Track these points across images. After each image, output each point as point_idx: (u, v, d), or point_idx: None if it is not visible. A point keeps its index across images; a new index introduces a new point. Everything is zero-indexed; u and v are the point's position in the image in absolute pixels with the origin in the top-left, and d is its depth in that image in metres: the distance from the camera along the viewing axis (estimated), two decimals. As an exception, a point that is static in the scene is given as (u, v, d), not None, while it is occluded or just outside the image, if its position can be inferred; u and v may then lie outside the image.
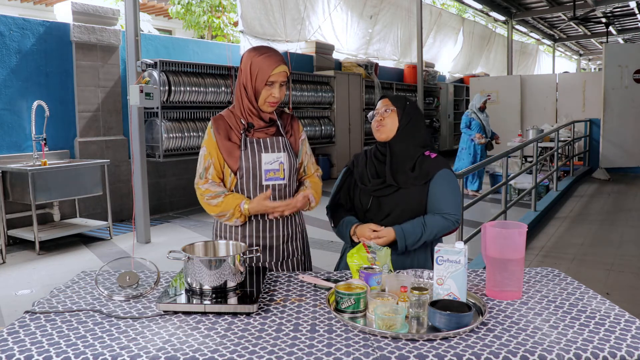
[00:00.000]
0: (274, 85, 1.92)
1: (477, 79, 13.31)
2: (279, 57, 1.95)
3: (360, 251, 1.68)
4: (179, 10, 12.42)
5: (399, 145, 1.97)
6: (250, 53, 1.95)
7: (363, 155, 2.09)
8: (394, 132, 1.97)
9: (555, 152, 7.60)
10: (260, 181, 1.96)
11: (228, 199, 1.91)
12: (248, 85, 1.93)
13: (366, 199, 1.99)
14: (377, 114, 2.01)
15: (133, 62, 5.39)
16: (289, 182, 2.01)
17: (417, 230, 1.87)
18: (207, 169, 1.97)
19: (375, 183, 1.96)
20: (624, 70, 9.32)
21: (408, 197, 1.92)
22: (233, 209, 1.90)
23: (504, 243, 1.57)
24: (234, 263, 1.56)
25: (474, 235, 4.22)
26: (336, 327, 1.37)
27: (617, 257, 4.75)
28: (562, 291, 1.62)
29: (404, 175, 1.93)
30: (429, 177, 1.93)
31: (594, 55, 25.29)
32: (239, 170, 1.94)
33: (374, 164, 2.01)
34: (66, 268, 4.62)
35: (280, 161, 1.97)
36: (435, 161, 1.97)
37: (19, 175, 5.03)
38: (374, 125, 2.01)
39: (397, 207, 1.92)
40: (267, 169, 1.95)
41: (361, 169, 2.04)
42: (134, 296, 1.60)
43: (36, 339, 1.31)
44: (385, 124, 1.97)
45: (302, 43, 9.42)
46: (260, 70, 1.90)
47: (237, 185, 1.97)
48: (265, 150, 1.96)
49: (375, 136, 2.01)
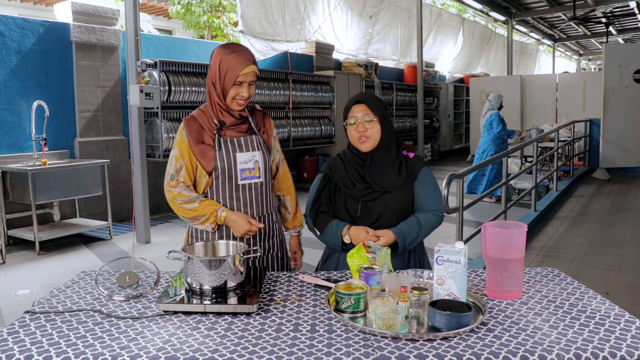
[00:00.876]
0: (242, 85, 1.89)
1: (477, 79, 13.31)
2: (248, 56, 1.91)
3: (360, 251, 1.68)
4: (179, 10, 12.42)
5: (381, 154, 1.94)
6: (220, 51, 1.92)
7: (339, 160, 2.03)
8: (377, 141, 1.92)
9: (555, 152, 7.60)
10: (236, 181, 1.95)
11: (204, 205, 1.90)
12: (217, 83, 1.91)
13: (354, 205, 1.95)
14: (357, 122, 1.91)
15: (133, 62, 5.39)
16: (264, 180, 2.01)
17: (413, 230, 1.89)
18: (178, 170, 1.94)
19: (361, 187, 1.93)
20: (624, 70, 9.32)
21: (396, 199, 1.92)
22: (209, 214, 1.89)
23: (504, 243, 1.57)
24: (234, 263, 1.56)
25: (474, 235, 4.22)
26: (336, 327, 1.37)
27: (617, 257, 4.75)
28: (562, 291, 1.62)
29: (391, 179, 1.92)
30: (413, 177, 1.95)
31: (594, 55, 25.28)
32: (214, 171, 1.93)
33: (356, 169, 1.96)
34: (66, 268, 4.62)
35: (255, 160, 1.97)
36: (416, 161, 1.98)
37: (19, 175, 5.03)
38: (355, 135, 1.92)
39: (385, 210, 1.91)
40: (243, 168, 1.95)
41: (342, 174, 1.98)
42: (134, 296, 1.60)
43: (36, 339, 1.31)
44: (370, 135, 1.90)
45: (302, 43, 9.41)
46: (229, 69, 1.88)
47: (212, 186, 1.95)
48: (240, 150, 1.95)
49: (359, 147, 1.94)
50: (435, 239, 1.94)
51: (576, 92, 11.69)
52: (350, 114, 1.94)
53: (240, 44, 1.99)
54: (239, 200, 1.97)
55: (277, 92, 8.16)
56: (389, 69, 12.36)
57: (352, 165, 1.97)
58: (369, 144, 1.92)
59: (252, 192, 1.98)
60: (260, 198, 2.00)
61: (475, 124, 12.70)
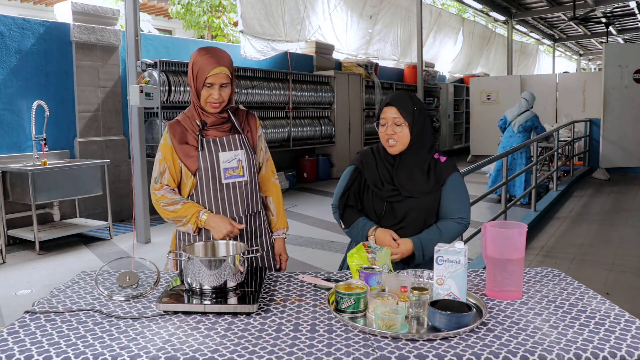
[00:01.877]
0: (213, 87, 1.89)
1: (477, 79, 13.31)
2: (220, 58, 1.89)
3: (360, 251, 1.68)
4: (179, 10, 12.42)
5: (411, 157, 1.94)
6: (195, 53, 1.93)
7: (371, 154, 2.02)
8: (406, 145, 1.92)
9: (555, 152, 7.60)
10: (220, 180, 1.96)
11: (186, 207, 1.92)
12: (192, 85, 1.93)
13: (379, 204, 1.95)
14: (386, 125, 1.92)
15: (133, 62, 5.39)
16: (249, 179, 2.02)
17: (434, 240, 1.87)
18: (162, 173, 1.97)
19: (389, 189, 1.93)
20: (624, 70, 9.31)
21: (422, 203, 1.91)
22: (190, 216, 1.91)
23: (504, 243, 1.57)
24: (234, 263, 1.56)
25: (474, 235, 4.22)
26: (336, 327, 1.37)
27: (617, 257, 4.75)
28: (562, 291, 1.62)
29: (419, 184, 1.91)
30: (441, 182, 1.94)
31: (594, 55, 25.28)
32: (198, 171, 1.94)
33: (386, 167, 1.96)
34: (66, 268, 4.62)
35: (238, 158, 1.98)
36: (446, 165, 1.97)
37: (19, 175, 5.03)
38: (384, 137, 1.93)
39: (410, 212, 1.91)
40: (226, 167, 1.96)
41: (373, 171, 1.98)
42: (134, 296, 1.60)
43: (36, 339, 1.31)
44: (397, 139, 1.90)
45: (302, 43, 9.41)
46: (200, 71, 1.88)
47: (197, 186, 1.96)
48: (222, 149, 1.96)
49: (388, 150, 1.94)
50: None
51: (576, 92, 11.69)
52: (381, 115, 1.94)
53: (216, 47, 1.97)
54: (224, 200, 1.98)
55: (277, 92, 8.16)
56: (389, 69, 12.36)
57: (383, 163, 1.97)
58: (397, 148, 1.92)
59: (237, 191, 1.99)
60: (245, 197, 2.01)
61: (476, 124, 12.72)
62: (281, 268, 2.18)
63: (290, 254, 2.26)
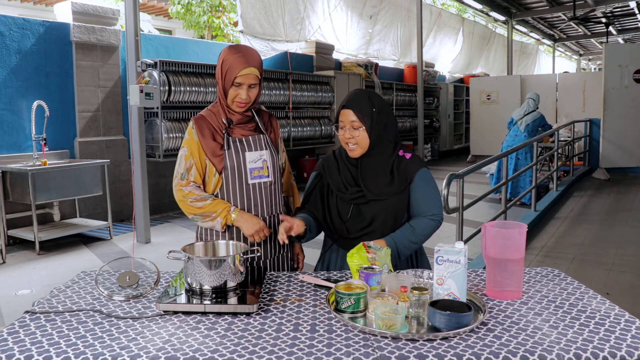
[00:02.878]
0: (241, 87, 1.87)
1: (477, 79, 13.31)
2: (250, 58, 1.88)
3: (360, 251, 1.68)
4: (179, 10, 12.42)
5: (373, 159, 1.89)
6: (225, 50, 1.91)
7: (333, 159, 1.98)
8: (366, 148, 1.87)
9: (555, 152, 7.60)
10: (246, 180, 1.95)
11: (216, 202, 1.90)
12: (219, 83, 1.92)
13: (345, 208, 1.91)
14: (345, 128, 1.86)
15: (133, 62, 5.39)
16: (274, 180, 2.01)
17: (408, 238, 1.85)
18: (188, 169, 1.93)
19: (353, 191, 1.88)
20: (624, 70, 9.32)
21: (389, 204, 1.87)
22: (221, 210, 1.88)
23: (504, 243, 1.57)
24: (234, 263, 1.56)
25: (474, 235, 4.22)
26: (336, 327, 1.37)
27: (617, 257, 4.75)
28: (562, 291, 1.62)
29: (384, 186, 1.86)
30: (408, 181, 1.89)
31: (594, 55, 25.28)
32: (224, 170, 1.92)
33: (349, 169, 1.91)
34: (66, 268, 4.62)
35: (263, 159, 1.97)
36: (412, 162, 1.91)
37: (19, 175, 5.03)
38: (343, 140, 1.88)
39: (379, 213, 1.87)
40: (252, 167, 1.95)
41: (335, 175, 1.93)
42: (134, 296, 1.60)
43: (36, 339, 1.31)
44: (357, 142, 1.85)
45: (302, 43, 9.41)
46: (229, 70, 1.87)
47: (222, 186, 1.94)
48: (249, 149, 1.95)
49: (348, 153, 1.89)
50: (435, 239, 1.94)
51: (576, 92, 11.69)
52: (339, 118, 1.88)
53: (248, 47, 1.96)
54: (250, 200, 1.96)
55: (277, 92, 8.16)
56: (389, 69, 12.36)
57: (346, 166, 1.93)
58: (357, 151, 1.87)
59: (262, 192, 1.97)
60: (270, 198, 2.00)
61: (476, 124, 12.72)
62: (299, 267, 2.17)
63: None
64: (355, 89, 1.99)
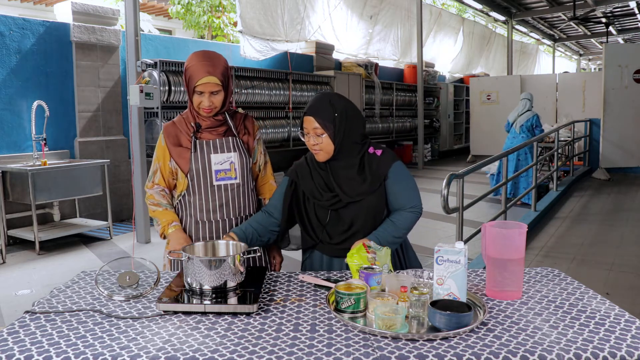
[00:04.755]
0: (203, 94, 1.90)
1: (477, 79, 13.31)
2: (211, 67, 1.88)
3: (360, 251, 1.68)
4: (179, 10, 12.42)
5: (340, 162, 1.88)
6: (190, 57, 1.94)
7: (305, 165, 1.96)
8: (331, 153, 1.85)
9: (555, 152, 7.60)
10: (212, 182, 1.99)
11: (165, 213, 2.02)
12: (185, 88, 1.97)
13: (323, 213, 1.91)
14: (309, 134, 1.85)
15: (133, 62, 5.39)
16: (242, 182, 2.03)
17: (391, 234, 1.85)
18: (154, 173, 2.04)
19: (328, 197, 1.87)
20: (624, 70, 9.32)
21: (366, 204, 1.87)
22: (165, 220, 2.00)
23: (504, 243, 1.57)
24: (234, 263, 1.56)
25: (474, 235, 4.22)
26: (336, 327, 1.37)
27: (617, 257, 4.75)
28: (562, 291, 1.62)
29: (357, 187, 1.85)
30: (382, 178, 1.87)
31: (594, 55, 25.29)
32: (190, 172, 1.98)
33: (320, 175, 1.90)
34: (66, 268, 4.62)
35: (230, 161, 2.00)
36: (384, 158, 1.89)
37: (19, 175, 5.03)
38: (309, 146, 1.88)
39: (358, 215, 1.87)
40: (218, 169, 1.99)
41: (308, 181, 1.92)
42: (134, 296, 1.60)
43: (36, 339, 1.31)
44: (322, 148, 1.84)
45: (302, 43, 9.41)
46: (190, 78, 1.91)
47: (188, 187, 2.00)
48: (215, 151, 1.99)
49: (316, 157, 1.89)
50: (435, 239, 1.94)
51: (576, 92, 11.69)
52: (303, 125, 1.87)
53: (211, 52, 1.95)
54: (215, 201, 2.01)
55: (277, 92, 8.16)
56: (389, 69, 12.36)
57: (318, 172, 1.91)
58: (322, 156, 1.86)
59: (229, 193, 2.01)
60: (237, 199, 2.03)
61: (476, 124, 12.72)
62: (275, 270, 2.17)
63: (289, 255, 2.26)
64: (318, 94, 1.99)
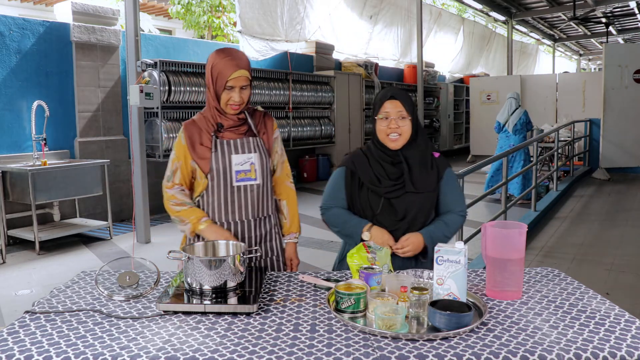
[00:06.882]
0: (233, 90, 1.89)
1: (477, 79, 13.31)
2: (239, 61, 1.89)
3: (360, 251, 1.68)
4: (179, 10, 12.42)
5: (414, 151, 1.92)
6: (213, 55, 1.93)
7: (361, 154, 1.98)
8: (407, 139, 1.90)
9: (555, 152, 7.60)
10: (232, 182, 1.96)
11: (192, 209, 1.96)
12: (210, 88, 1.93)
13: (376, 201, 1.91)
14: (389, 119, 1.87)
15: (133, 62, 5.39)
16: (262, 182, 2.00)
17: (443, 233, 1.89)
18: (174, 172, 1.98)
19: (389, 185, 1.89)
20: (624, 70, 9.32)
21: (422, 197, 1.90)
22: (194, 217, 1.93)
23: (504, 243, 1.57)
24: (234, 263, 1.56)
25: (474, 235, 4.22)
26: (336, 327, 1.37)
27: (617, 257, 4.75)
28: (562, 291, 1.62)
29: (427, 180, 1.91)
30: (440, 177, 1.95)
31: (594, 55, 25.29)
32: (210, 172, 1.94)
33: (381, 164, 1.92)
34: (66, 268, 4.62)
35: (251, 162, 1.97)
36: (441, 161, 1.98)
37: (19, 175, 5.03)
38: (385, 131, 1.88)
39: (411, 208, 1.89)
40: (238, 169, 1.95)
41: (367, 170, 1.94)
42: (134, 296, 1.60)
43: (36, 339, 1.31)
44: (401, 132, 1.87)
45: (302, 43, 9.41)
46: (220, 74, 1.88)
47: (208, 187, 1.96)
48: (236, 152, 1.96)
49: (387, 144, 1.90)
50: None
51: (576, 92, 11.69)
52: (382, 110, 1.89)
53: (234, 49, 1.97)
54: (234, 202, 1.97)
55: (277, 92, 8.16)
56: (389, 69, 12.36)
57: (377, 161, 1.93)
58: (400, 142, 1.89)
59: (249, 194, 1.98)
60: (257, 200, 2.00)
61: (476, 124, 12.72)
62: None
63: None
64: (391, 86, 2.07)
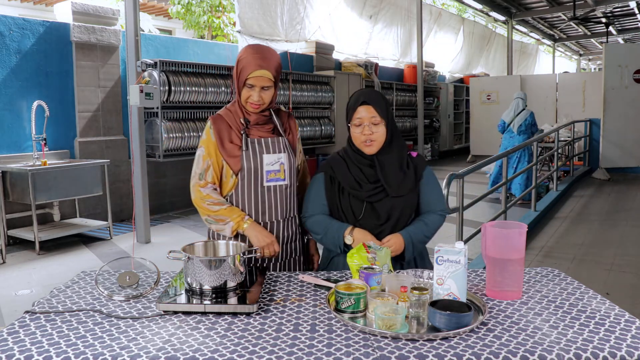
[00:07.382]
0: (253, 88, 1.85)
1: (477, 79, 13.31)
2: (264, 60, 1.84)
3: (360, 251, 1.68)
4: (179, 10, 12.42)
5: (389, 155, 1.90)
6: (244, 49, 1.89)
7: (339, 159, 1.96)
8: (382, 144, 1.88)
9: (555, 152, 7.60)
10: (262, 182, 1.92)
11: (232, 208, 1.90)
12: (235, 81, 1.90)
13: (358, 206, 1.90)
14: (362, 125, 1.84)
15: (133, 62, 5.39)
16: (290, 183, 1.98)
17: (422, 234, 1.89)
18: (206, 170, 1.92)
19: (369, 188, 1.88)
20: (624, 70, 9.32)
21: (404, 199, 1.90)
22: (237, 216, 1.88)
23: (504, 243, 1.57)
24: (234, 263, 1.56)
25: (474, 235, 4.22)
26: (336, 327, 1.37)
27: (617, 257, 4.75)
28: (562, 291, 1.62)
29: (405, 182, 1.89)
30: (418, 177, 1.94)
31: (594, 55, 25.29)
32: (241, 171, 1.90)
33: (360, 168, 1.90)
34: (66, 268, 4.62)
35: (281, 162, 1.95)
36: (419, 160, 1.98)
37: (19, 175, 5.03)
38: (361, 138, 1.86)
39: (394, 211, 1.88)
40: (269, 169, 1.92)
41: (345, 175, 1.92)
42: (134, 296, 1.60)
43: (36, 339, 1.31)
44: (375, 139, 1.85)
45: (302, 43, 9.41)
46: (243, 70, 1.85)
47: (237, 187, 1.92)
48: (267, 151, 1.93)
49: (363, 150, 1.88)
50: (435, 238, 1.94)
51: (576, 92, 11.69)
52: (356, 115, 1.86)
53: (266, 47, 1.92)
54: (264, 203, 1.94)
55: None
56: (389, 69, 12.35)
57: (356, 165, 1.91)
58: (374, 147, 1.87)
59: (277, 195, 1.95)
60: (285, 201, 1.98)
61: (476, 124, 12.72)
62: (314, 269, 2.14)
63: None
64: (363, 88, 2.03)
